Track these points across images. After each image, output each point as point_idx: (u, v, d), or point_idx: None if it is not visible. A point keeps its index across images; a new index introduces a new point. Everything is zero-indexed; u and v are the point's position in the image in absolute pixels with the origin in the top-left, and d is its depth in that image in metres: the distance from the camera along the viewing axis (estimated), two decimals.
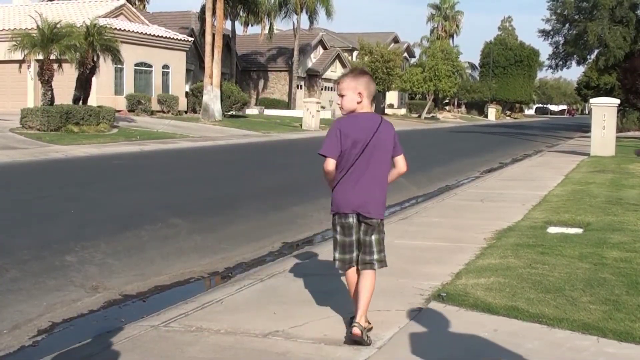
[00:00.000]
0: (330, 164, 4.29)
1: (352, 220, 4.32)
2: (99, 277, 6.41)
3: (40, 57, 24.03)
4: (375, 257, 4.34)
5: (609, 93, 51.29)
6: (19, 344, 4.75)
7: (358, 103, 4.31)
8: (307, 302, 5.18)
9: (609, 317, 4.69)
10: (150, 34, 36.29)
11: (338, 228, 4.37)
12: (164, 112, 35.99)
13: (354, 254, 4.37)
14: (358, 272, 4.39)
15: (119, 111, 30.04)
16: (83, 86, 25.73)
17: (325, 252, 6.96)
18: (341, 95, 4.35)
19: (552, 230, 8.02)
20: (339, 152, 4.26)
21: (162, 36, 37.25)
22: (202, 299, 5.38)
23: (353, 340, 4.20)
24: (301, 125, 35.10)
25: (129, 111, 33.73)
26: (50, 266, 6.62)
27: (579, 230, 7.97)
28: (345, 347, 4.22)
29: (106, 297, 5.87)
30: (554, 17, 43.84)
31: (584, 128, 41.31)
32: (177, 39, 38.60)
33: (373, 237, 4.33)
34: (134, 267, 6.81)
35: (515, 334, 4.47)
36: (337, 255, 4.39)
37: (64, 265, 6.67)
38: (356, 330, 4.18)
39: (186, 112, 38.59)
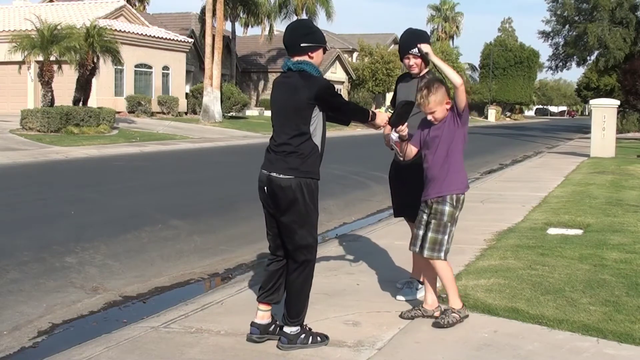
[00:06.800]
0: None
1: None
2: (99, 279, 6.41)
3: (40, 58, 24.06)
4: None
5: (609, 94, 51.31)
6: (19, 345, 4.75)
7: (448, 110, 4.62)
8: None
9: (608, 319, 4.69)
10: (150, 35, 36.31)
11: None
12: (164, 114, 36.02)
13: None
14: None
15: (119, 112, 30.05)
16: (83, 87, 25.74)
17: (325, 253, 6.97)
18: (431, 113, 4.62)
19: (552, 231, 8.02)
20: None
21: (162, 37, 37.27)
22: (202, 300, 5.38)
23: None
24: None
25: (129, 112, 33.75)
26: (51, 267, 6.63)
27: (579, 232, 7.97)
28: (345, 348, 4.23)
29: (106, 299, 5.87)
30: (553, 18, 43.84)
31: (584, 129, 41.30)
32: (177, 40, 38.61)
33: None
34: (134, 269, 6.82)
35: (515, 335, 4.47)
36: (449, 247, 4.69)
37: (64, 267, 6.68)
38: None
39: (186, 113, 38.61)
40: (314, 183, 4.18)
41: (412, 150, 4.83)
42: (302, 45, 4.19)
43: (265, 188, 4.20)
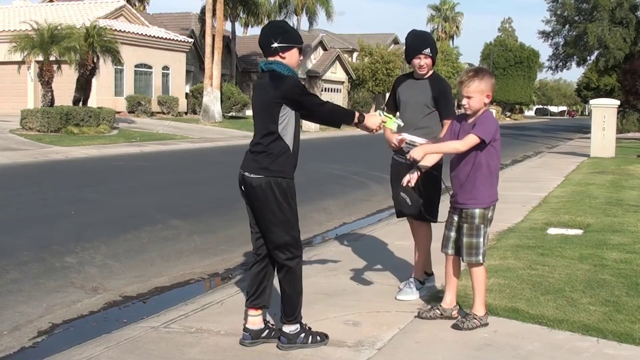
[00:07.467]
0: None
1: None
2: (99, 279, 6.41)
3: (40, 58, 24.06)
4: None
5: (608, 94, 51.33)
6: (19, 345, 4.75)
7: (485, 105, 4.48)
8: (307, 303, 5.16)
9: (608, 319, 4.69)
10: (150, 35, 36.30)
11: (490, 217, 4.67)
12: (164, 114, 36.02)
13: None
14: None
15: (119, 112, 30.05)
16: (83, 87, 25.75)
17: (325, 253, 6.97)
18: (468, 97, 4.45)
19: (552, 231, 8.02)
20: None
21: (162, 37, 37.26)
22: (202, 300, 5.38)
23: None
24: (301, 126, 35.11)
25: (129, 112, 33.75)
26: (51, 267, 6.63)
27: (579, 232, 7.97)
28: (345, 348, 4.23)
29: (106, 299, 5.87)
30: (553, 18, 43.84)
31: (584, 129, 41.28)
32: (177, 40, 38.61)
33: None
34: (134, 269, 6.82)
35: (515, 335, 4.47)
36: (486, 248, 4.67)
37: (64, 267, 6.68)
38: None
39: (186, 113, 38.61)
40: (286, 182, 4.20)
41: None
42: (272, 46, 4.23)
43: (242, 187, 4.27)
